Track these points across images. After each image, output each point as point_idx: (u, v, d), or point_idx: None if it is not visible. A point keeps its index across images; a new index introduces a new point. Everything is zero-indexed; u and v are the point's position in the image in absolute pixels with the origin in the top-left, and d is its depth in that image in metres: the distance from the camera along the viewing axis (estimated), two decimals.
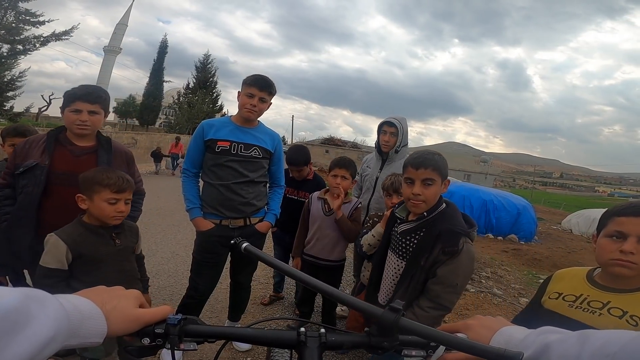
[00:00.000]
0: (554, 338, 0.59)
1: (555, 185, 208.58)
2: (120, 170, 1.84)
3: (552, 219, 16.95)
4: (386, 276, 1.84)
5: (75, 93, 1.88)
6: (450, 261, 1.56)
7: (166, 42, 37.50)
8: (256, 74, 2.33)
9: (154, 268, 4.12)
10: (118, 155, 2.04)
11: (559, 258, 7.81)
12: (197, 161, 2.41)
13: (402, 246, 1.73)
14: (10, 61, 18.49)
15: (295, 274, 0.74)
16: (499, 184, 67.53)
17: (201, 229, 2.37)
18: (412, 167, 1.63)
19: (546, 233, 11.79)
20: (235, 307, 2.79)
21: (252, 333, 0.69)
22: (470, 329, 0.72)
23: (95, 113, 1.90)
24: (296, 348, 0.67)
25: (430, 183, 1.60)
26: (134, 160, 2.19)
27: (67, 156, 1.90)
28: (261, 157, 2.39)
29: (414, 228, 1.69)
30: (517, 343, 0.63)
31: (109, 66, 53.00)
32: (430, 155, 1.64)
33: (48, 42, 19.76)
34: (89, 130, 1.92)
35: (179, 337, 0.63)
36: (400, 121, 2.88)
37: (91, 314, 0.55)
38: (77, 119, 1.86)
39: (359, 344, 0.69)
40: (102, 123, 1.98)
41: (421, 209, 1.64)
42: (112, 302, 0.60)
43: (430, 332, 0.62)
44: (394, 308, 0.63)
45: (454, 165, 43.73)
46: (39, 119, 19.68)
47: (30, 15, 18.94)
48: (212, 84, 36.37)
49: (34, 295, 0.47)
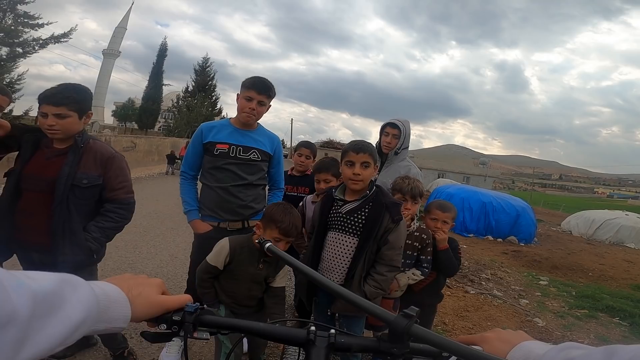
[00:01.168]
0: (577, 353, 0.55)
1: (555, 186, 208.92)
2: (93, 172, 1.87)
3: (552, 221, 16.97)
4: (334, 256, 1.94)
5: (42, 94, 1.78)
6: (396, 228, 1.85)
7: (166, 46, 37.62)
8: (255, 76, 2.31)
9: (152, 271, 4.12)
10: (90, 157, 1.88)
11: (559, 259, 7.80)
12: (194, 164, 2.41)
13: (350, 224, 1.89)
14: (9, 64, 18.42)
15: (316, 278, 0.74)
16: (498, 186, 67.63)
17: (199, 231, 2.35)
18: (353, 152, 1.87)
19: (546, 235, 11.80)
20: None
21: (264, 327, 0.70)
22: (487, 342, 0.69)
23: (62, 116, 1.75)
24: (304, 346, 0.67)
25: (367, 165, 1.85)
26: (119, 163, 1.98)
27: (40, 160, 1.84)
28: (260, 160, 2.38)
29: (359, 206, 1.90)
30: (537, 359, 0.59)
31: (108, 69, 53.10)
32: (366, 143, 1.93)
33: (47, 44, 19.71)
34: (59, 134, 1.79)
35: (193, 325, 0.65)
36: (404, 123, 2.88)
37: (117, 299, 0.58)
38: (44, 123, 1.75)
39: (367, 348, 0.68)
40: (77, 125, 1.83)
41: (360, 187, 1.88)
42: (137, 288, 0.63)
43: (443, 341, 0.59)
44: (407, 314, 0.61)
45: (453, 168, 43.83)
46: (37, 122, 19.67)
47: (29, 18, 18.89)
48: (211, 87, 36.38)
49: (68, 280, 0.49)
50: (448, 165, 47.43)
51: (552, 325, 4.14)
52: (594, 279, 6.82)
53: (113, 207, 1.95)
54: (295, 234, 1.87)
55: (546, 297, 5.26)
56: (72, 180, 1.80)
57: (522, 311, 4.49)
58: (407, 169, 2.86)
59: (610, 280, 6.78)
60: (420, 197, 2.28)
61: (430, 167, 39.42)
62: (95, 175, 1.88)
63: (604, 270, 7.41)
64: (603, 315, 4.70)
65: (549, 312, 4.62)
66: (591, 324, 4.34)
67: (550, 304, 4.96)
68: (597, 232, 12.26)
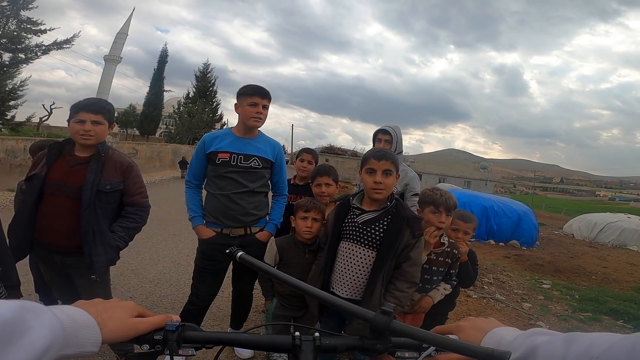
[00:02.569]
0: (542, 340, 0.60)
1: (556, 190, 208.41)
2: (114, 179, 2.05)
3: (554, 224, 16.93)
4: (347, 267, 1.86)
5: (80, 104, 1.98)
6: (417, 244, 1.79)
7: (166, 52, 37.81)
8: (251, 84, 2.40)
9: (155, 277, 4.13)
10: (111, 165, 2.06)
11: (562, 263, 7.78)
12: (198, 174, 2.48)
13: (367, 235, 1.81)
14: (12, 70, 18.45)
15: (287, 280, 0.77)
16: (499, 190, 67.56)
17: (203, 236, 2.41)
18: (374, 159, 1.79)
19: (548, 238, 11.77)
20: (237, 315, 2.79)
21: (249, 338, 0.71)
22: (462, 331, 0.73)
23: (98, 123, 1.97)
24: (292, 352, 0.68)
25: (389, 173, 1.77)
26: (136, 171, 2.17)
27: (63, 167, 1.99)
28: (261, 168, 2.42)
29: (378, 217, 1.81)
30: (507, 344, 0.63)
31: (109, 75, 53.27)
32: (388, 151, 1.89)
33: (49, 50, 19.74)
34: (92, 140, 1.97)
35: (177, 343, 0.65)
36: (395, 129, 2.93)
37: (85, 324, 0.56)
38: (80, 128, 1.93)
39: (352, 346, 0.71)
40: (106, 134, 2.05)
41: (383, 195, 1.79)
42: (107, 312, 0.61)
43: (422, 334, 0.64)
44: (385, 311, 0.65)
45: (454, 172, 43.79)
46: (39, 128, 19.67)
47: (31, 24, 18.93)
48: (212, 94, 36.54)
49: (29, 307, 0.48)
50: (449, 169, 47.41)
51: (555, 328, 4.12)
52: (597, 282, 6.80)
53: (133, 210, 2.15)
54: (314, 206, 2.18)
55: (549, 300, 5.24)
56: (97, 186, 1.97)
57: (525, 315, 4.48)
58: (404, 172, 2.90)
59: (614, 283, 6.75)
60: (455, 209, 2.09)
61: (430, 172, 39.41)
62: (116, 181, 2.06)
63: (607, 273, 7.38)
64: (607, 318, 4.69)
65: (552, 315, 4.61)
66: (595, 327, 4.32)
67: (553, 307, 4.95)
68: (599, 235, 12.22)
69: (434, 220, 2.03)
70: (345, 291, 1.87)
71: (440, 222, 2.01)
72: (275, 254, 2.19)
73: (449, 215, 2.05)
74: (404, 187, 2.90)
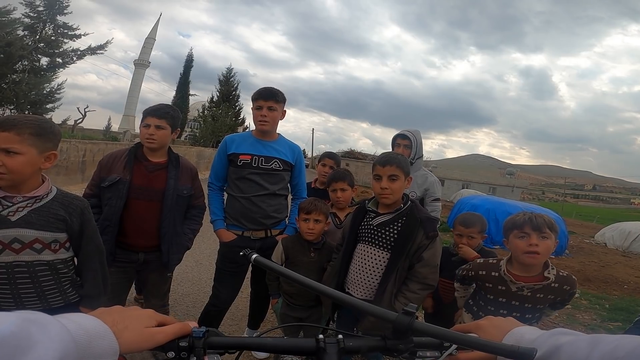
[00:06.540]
0: (565, 340, 0.58)
1: (588, 197, 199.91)
2: (188, 184, 2.22)
3: (585, 233, 16.25)
4: (362, 269, 1.89)
5: (148, 109, 2.13)
6: (431, 245, 1.78)
7: (192, 56, 38.67)
8: (259, 88, 2.42)
9: (178, 276, 4.22)
10: (185, 172, 2.22)
11: (592, 272, 7.48)
12: (220, 175, 2.51)
13: (382, 237, 1.84)
14: (49, 74, 19.27)
15: (303, 282, 0.77)
16: (527, 197, 65.39)
17: (224, 239, 2.44)
18: (379, 165, 1.84)
19: (578, 247, 11.31)
20: (255, 315, 2.83)
21: (272, 342, 0.71)
22: (482, 329, 0.73)
23: (161, 128, 2.07)
24: (316, 354, 0.69)
25: (395, 178, 1.80)
26: (198, 175, 2.35)
27: (143, 171, 2.10)
28: (282, 170, 2.44)
29: (392, 219, 1.84)
30: (529, 343, 0.62)
31: (139, 79, 55.10)
32: (394, 155, 1.88)
33: (84, 55, 20.49)
34: (155, 144, 2.08)
35: (203, 349, 0.65)
36: (414, 133, 2.89)
37: (99, 333, 0.54)
38: (146, 132, 2.06)
39: (375, 347, 0.71)
40: (169, 138, 2.15)
41: (390, 200, 1.83)
42: (124, 322, 0.60)
43: (444, 332, 0.64)
44: (407, 312, 0.66)
45: (478, 178, 42.73)
46: (74, 130, 20.51)
47: (68, 29, 19.69)
48: (235, 97, 37.12)
49: (34, 319, 0.45)
50: (472, 175, 46.25)
51: None
52: (629, 291, 6.49)
53: (197, 212, 2.37)
54: (315, 208, 2.16)
55: (577, 309, 5.04)
56: (177, 191, 2.14)
57: (551, 323, 4.32)
58: (423, 177, 2.85)
59: None
60: (551, 230, 1.59)
61: (454, 178, 38.61)
62: (189, 186, 2.24)
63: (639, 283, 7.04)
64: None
65: (579, 324, 4.43)
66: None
67: (580, 316, 4.76)
68: (633, 244, 11.63)
69: (524, 246, 1.58)
70: (360, 292, 1.89)
71: (532, 244, 1.56)
72: (281, 252, 2.24)
73: (544, 236, 1.57)
74: (423, 192, 2.85)
